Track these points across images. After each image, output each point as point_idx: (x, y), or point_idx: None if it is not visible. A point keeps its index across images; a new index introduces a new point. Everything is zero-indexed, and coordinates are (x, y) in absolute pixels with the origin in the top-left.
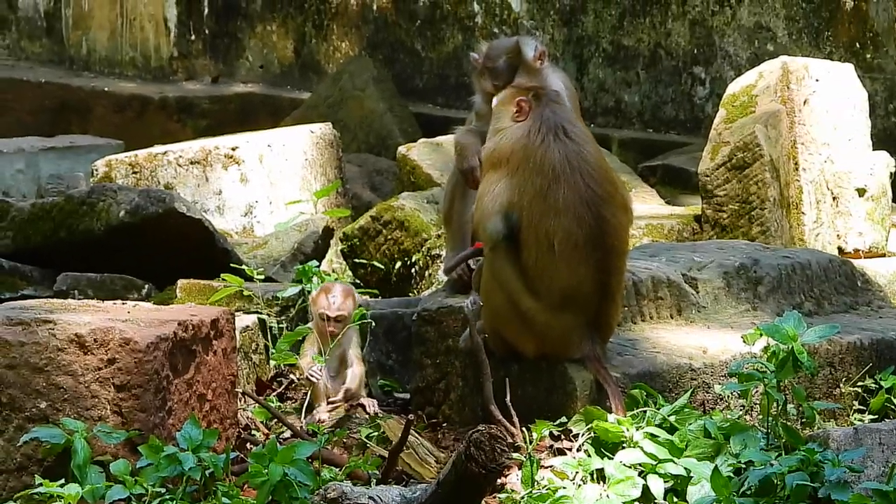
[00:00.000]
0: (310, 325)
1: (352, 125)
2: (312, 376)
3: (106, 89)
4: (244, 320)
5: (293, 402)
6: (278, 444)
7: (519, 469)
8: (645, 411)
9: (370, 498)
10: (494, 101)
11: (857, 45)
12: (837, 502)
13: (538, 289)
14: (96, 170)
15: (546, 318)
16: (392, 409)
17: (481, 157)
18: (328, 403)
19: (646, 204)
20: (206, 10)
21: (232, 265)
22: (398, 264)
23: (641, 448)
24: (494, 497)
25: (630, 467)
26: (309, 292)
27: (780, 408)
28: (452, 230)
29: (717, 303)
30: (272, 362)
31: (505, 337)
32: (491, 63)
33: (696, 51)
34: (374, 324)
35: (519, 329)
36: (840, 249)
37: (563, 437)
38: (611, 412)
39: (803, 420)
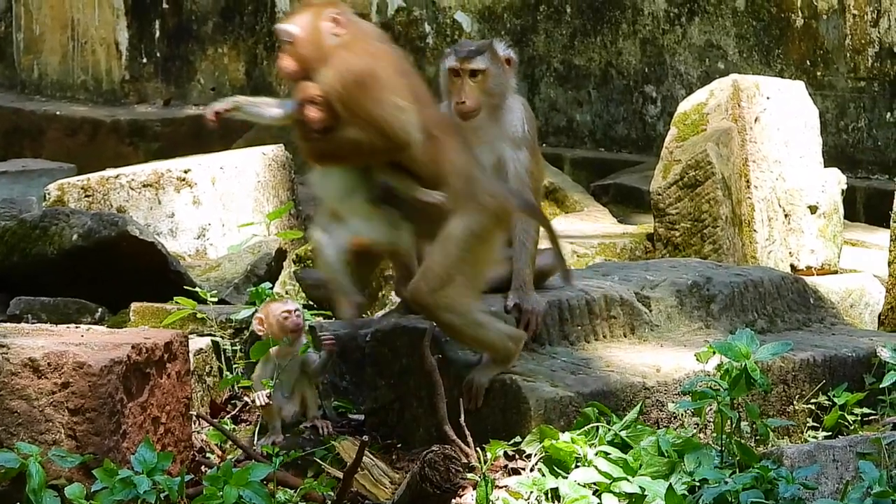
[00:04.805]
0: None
1: None
2: (258, 400)
3: (58, 113)
4: (198, 343)
5: (248, 424)
6: (233, 467)
7: (473, 489)
8: (597, 427)
9: None
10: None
11: (808, 62)
12: None
13: None
14: (49, 193)
15: None
16: (346, 430)
17: None
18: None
19: (598, 223)
20: (158, 34)
21: (185, 288)
22: None
23: (595, 467)
24: None
25: (584, 486)
26: None
27: (733, 425)
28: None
29: (670, 321)
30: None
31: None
32: (461, 47)
33: (647, 69)
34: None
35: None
36: (792, 267)
37: (517, 456)
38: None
39: (757, 437)
